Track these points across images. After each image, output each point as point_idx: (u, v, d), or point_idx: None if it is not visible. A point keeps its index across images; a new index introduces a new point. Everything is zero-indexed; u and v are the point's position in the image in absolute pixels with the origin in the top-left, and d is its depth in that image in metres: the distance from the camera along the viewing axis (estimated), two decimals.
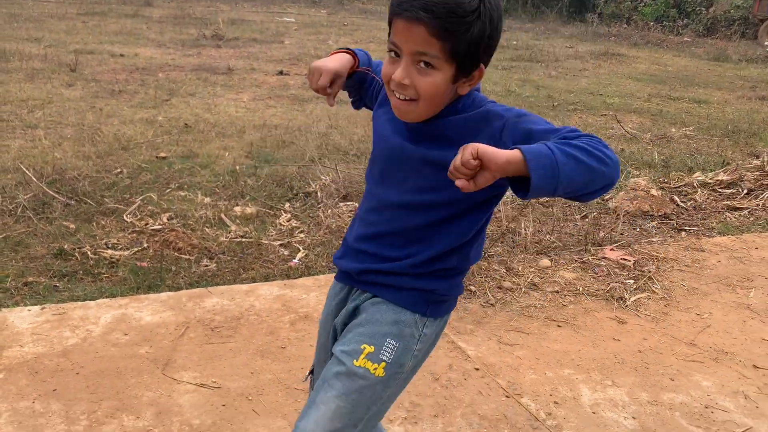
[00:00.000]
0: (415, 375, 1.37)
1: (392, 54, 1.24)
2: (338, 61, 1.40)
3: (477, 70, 1.24)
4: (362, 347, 1.27)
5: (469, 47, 1.18)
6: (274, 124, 6.01)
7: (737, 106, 8.42)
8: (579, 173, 1.10)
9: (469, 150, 1.08)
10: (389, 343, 1.29)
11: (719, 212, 4.24)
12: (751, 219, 4.12)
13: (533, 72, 10.29)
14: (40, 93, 6.61)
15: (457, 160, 1.09)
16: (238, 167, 4.59)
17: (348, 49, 1.45)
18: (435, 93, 1.22)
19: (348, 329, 1.33)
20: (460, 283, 1.41)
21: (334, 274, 1.47)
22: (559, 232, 3.57)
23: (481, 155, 1.07)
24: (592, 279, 3.05)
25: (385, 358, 1.28)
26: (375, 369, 1.27)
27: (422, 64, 1.19)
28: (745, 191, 4.60)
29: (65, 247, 3.16)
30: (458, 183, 1.10)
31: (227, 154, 4.96)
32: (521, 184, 1.13)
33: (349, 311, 1.37)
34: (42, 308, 2.47)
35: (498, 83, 9.05)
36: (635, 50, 14.30)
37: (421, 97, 1.22)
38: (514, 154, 1.08)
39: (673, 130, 6.70)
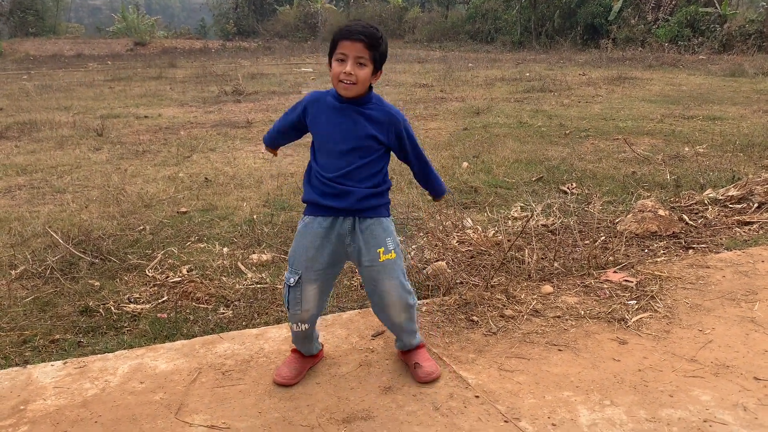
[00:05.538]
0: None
1: (340, 60, 2.19)
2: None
3: (379, 71, 2.26)
4: (378, 251, 2.30)
5: (380, 56, 2.22)
6: (290, 172, 6.22)
7: (753, 121, 8.39)
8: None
9: None
10: (387, 241, 2.32)
11: (729, 228, 4.25)
12: (761, 233, 4.13)
13: (545, 102, 10.42)
14: (68, 159, 6.95)
15: None
16: (255, 216, 4.76)
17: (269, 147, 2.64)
18: (365, 78, 2.21)
19: (365, 246, 2.30)
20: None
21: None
22: (565, 258, 3.63)
23: None
24: (594, 302, 3.11)
25: (390, 248, 2.33)
26: (390, 255, 2.32)
27: (359, 64, 2.18)
28: (756, 205, 4.61)
29: (90, 304, 3.32)
30: None
31: (245, 204, 5.14)
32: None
33: (348, 232, 2.31)
34: (64, 363, 2.63)
35: (510, 116, 9.18)
36: (649, 72, 14.35)
37: (359, 81, 2.19)
38: None
39: (686, 149, 6.72)
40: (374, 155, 2.30)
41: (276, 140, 2.55)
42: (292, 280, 2.32)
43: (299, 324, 2.38)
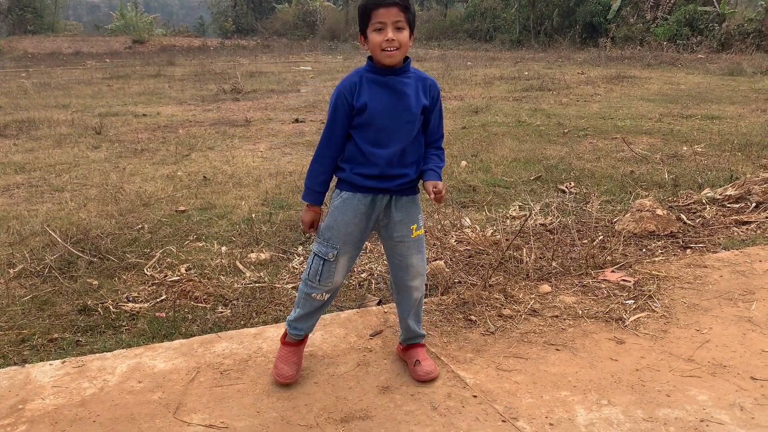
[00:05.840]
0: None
1: (378, 29, 2.17)
2: (312, 216, 2.43)
3: (412, 34, 2.24)
4: (411, 228, 2.40)
5: (413, 18, 2.22)
6: (289, 170, 6.22)
7: (751, 120, 8.40)
8: None
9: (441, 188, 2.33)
10: (419, 217, 2.44)
11: (726, 227, 4.26)
12: (758, 232, 4.13)
13: (544, 101, 10.41)
14: (67, 157, 6.94)
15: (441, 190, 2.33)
16: (253, 215, 4.75)
17: (310, 204, 2.44)
18: (406, 41, 2.20)
19: (400, 222, 2.38)
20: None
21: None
22: (563, 257, 3.64)
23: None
24: (592, 302, 3.11)
25: (420, 224, 2.44)
26: (420, 231, 2.43)
27: (397, 28, 2.17)
28: (754, 205, 4.61)
29: (88, 303, 3.31)
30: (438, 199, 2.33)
31: (243, 203, 5.14)
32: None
33: (384, 208, 2.37)
34: (63, 362, 2.63)
35: (509, 114, 9.18)
36: (648, 71, 14.35)
37: (402, 45, 2.19)
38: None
39: (685, 148, 6.73)
40: (420, 125, 2.34)
41: (329, 175, 2.39)
42: (330, 254, 2.36)
43: (323, 293, 2.43)
